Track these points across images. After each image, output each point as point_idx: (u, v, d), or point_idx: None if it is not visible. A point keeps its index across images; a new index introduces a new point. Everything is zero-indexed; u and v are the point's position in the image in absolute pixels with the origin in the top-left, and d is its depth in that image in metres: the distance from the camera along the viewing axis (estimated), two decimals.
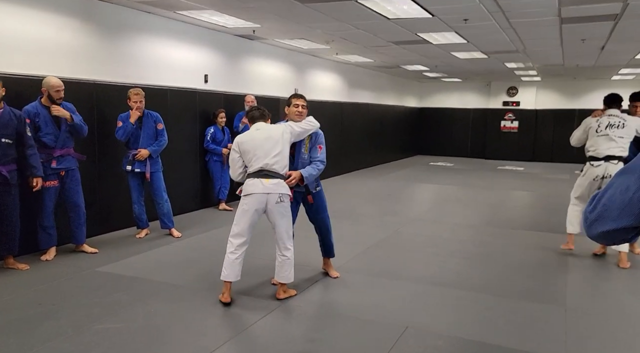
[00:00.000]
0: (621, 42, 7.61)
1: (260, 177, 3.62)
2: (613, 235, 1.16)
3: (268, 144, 3.65)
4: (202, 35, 7.24)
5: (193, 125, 7.11)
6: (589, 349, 3.08)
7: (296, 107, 3.89)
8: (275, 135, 3.70)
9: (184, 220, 6.53)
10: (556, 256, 5.19)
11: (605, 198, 1.15)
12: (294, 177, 3.75)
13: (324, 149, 3.99)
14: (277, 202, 3.63)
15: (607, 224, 1.15)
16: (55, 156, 4.67)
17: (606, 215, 1.14)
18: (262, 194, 3.60)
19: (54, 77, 4.65)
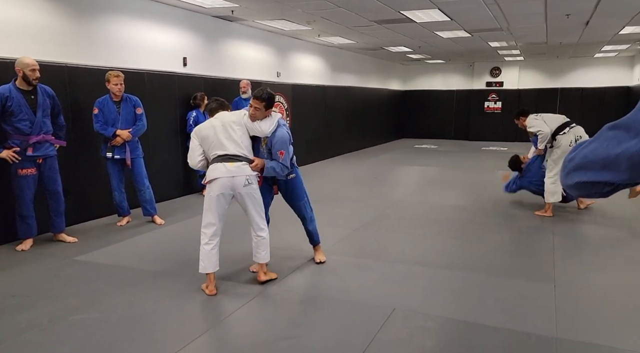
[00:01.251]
0: (606, 15, 7.56)
1: (224, 161, 3.52)
2: (590, 187, 1.09)
3: (228, 129, 3.57)
4: (179, 17, 7.00)
5: (173, 109, 6.91)
6: (579, 325, 3.04)
7: (249, 107, 3.65)
8: (234, 122, 3.62)
9: (167, 207, 6.37)
10: (543, 233, 5.17)
11: (588, 149, 1.09)
12: (256, 164, 3.62)
13: (285, 154, 3.70)
14: (245, 184, 3.53)
15: (586, 175, 1.08)
16: (31, 143, 4.45)
17: (588, 166, 1.08)
18: (227, 178, 3.49)
19: (28, 57, 4.43)
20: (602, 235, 5.17)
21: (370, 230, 5.32)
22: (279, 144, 3.67)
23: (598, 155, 1.06)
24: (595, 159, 1.06)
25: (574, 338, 2.86)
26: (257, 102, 3.59)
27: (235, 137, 3.57)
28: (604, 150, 1.05)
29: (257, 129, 3.65)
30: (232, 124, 3.60)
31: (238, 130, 3.60)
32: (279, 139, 3.67)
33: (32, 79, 4.38)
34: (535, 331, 2.96)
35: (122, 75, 5.18)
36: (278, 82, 9.54)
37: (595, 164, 1.07)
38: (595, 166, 1.07)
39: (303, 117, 10.42)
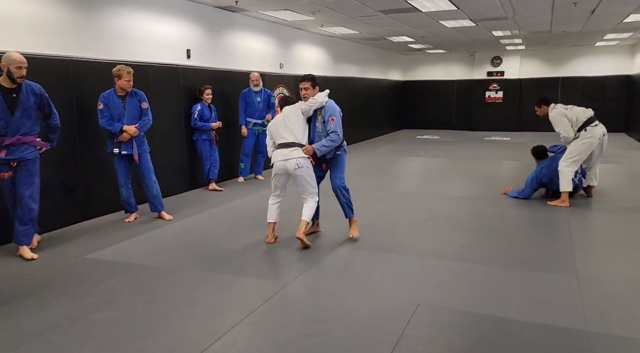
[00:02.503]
0: (613, 4, 7.48)
1: (281, 147, 4.39)
2: None
3: (286, 122, 4.40)
4: (181, 8, 6.87)
5: (178, 102, 6.80)
6: (608, 318, 3.00)
7: (300, 90, 4.44)
8: (290, 114, 4.43)
9: (174, 202, 6.29)
10: (557, 223, 5.13)
11: None
12: (306, 148, 4.35)
13: (336, 120, 4.39)
14: (295, 168, 4.31)
15: None
16: (5, 144, 4.04)
17: None
18: (281, 161, 4.36)
19: (16, 53, 4.08)
20: (618, 224, 5.13)
21: (384, 223, 5.27)
22: (330, 112, 4.39)
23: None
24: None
25: (604, 332, 2.82)
26: (304, 83, 4.40)
27: (291, 127, 4.37)
28: None
29: (313, 102, 4.40)
30: (289, 116, 4.40)
31: (293, 121, 4.38)
32: (330, 108, 4.41)
33: (17, 77, 3.99)
34: (564, 325, 2.91)
35: (132, 71, 5.07)
36: (281, 73, 9.42)
37: None
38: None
39: None
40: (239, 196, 6.64)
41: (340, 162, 4.56)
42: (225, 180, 7.67)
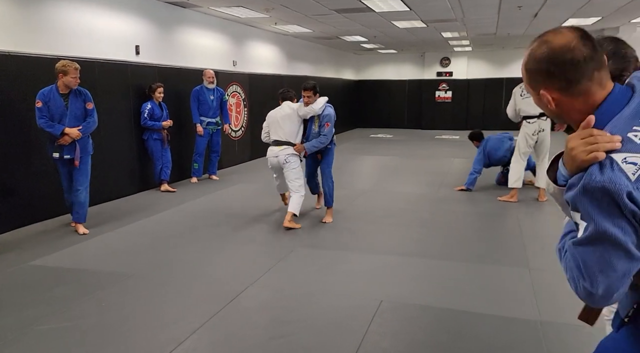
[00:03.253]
0: (554, 8, 7.87)
1: (274, 145, 5.10)
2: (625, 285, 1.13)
3: (282, 121, 5.05)
4: (130, 2, 6.60)
5: (126, 100, 6.53)
6: (560, 307, 3.15)
7: (303, 98, 5.00)
8: (286, 116, 5.06)
9: (123, 205, 6.05)
10: (508, 218, 5.34)
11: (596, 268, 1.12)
12: (297, 147, 5.03)
13: (330, 126, 5.05)
14: (284, 163, 5.02)
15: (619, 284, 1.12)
16: None
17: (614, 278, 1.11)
18: (273, 157, 5.10)
19: None
20: (563, 217, 5.40)
21: (342, 221, 5.29)
22: (326, 118, 5.03)
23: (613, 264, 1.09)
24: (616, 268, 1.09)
25: (557, 321, 2.95)
26: (307, 92, 4.95)
27: (285, 129, 5.02)
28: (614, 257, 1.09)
29: (311, 110, 4.98)
30: (285, 119, 5.04)
31: (289, 124, 5.03)
32: (327, 115, 5.05)
33: None
34: (519, 316, 3.03)
35: (79, 67, 4.72)
36: (234, 71, 9.27)
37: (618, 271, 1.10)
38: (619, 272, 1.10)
39: (260, 107, 10.19)
40: (193, 197, 6.46)
41: (331, 156, 5.30)
42: (178, 180, 7.45)
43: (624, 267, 1.08)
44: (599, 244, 1.09)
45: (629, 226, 1.06)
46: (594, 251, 1.10)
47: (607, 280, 1.10)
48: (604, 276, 1.09)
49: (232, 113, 9.14)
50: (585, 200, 1.09)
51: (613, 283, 1.10)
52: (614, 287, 1.10)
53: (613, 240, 1.07)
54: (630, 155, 1.06)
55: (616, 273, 1.09)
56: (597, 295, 1.12)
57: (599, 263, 1.09)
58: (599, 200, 1.07)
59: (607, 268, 1.09)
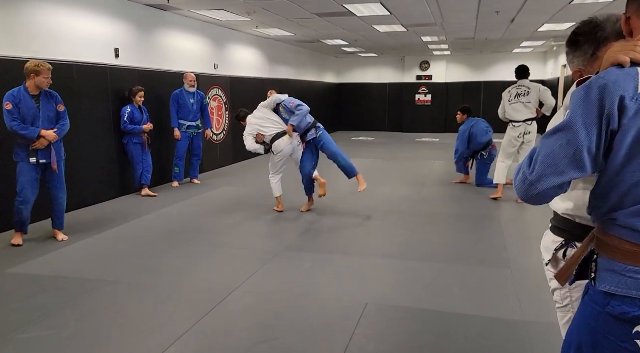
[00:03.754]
0: (530, 14, 8.04)
1: (278, 138, 5.57)
2: (555, 191, 1.17)
3: (266, 118, 5.63)
4: (109, 5, 6.51)
5: (105, 104, 6.42)
6: (542, 307, 3.20)
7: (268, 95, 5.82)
8: (263, 113, 5.67)
9: (103, 210, 5.95)
10: (489, 219, 5.41)
11: (541, 157, 1.17)
12: (289, 129, 5.49)
13: (296, 101, 5.53)
14: (297, 146, 5.68)
15: (551, 179, 1.16)
16: None
17: (549, 172, 1.15)
18: (288, 146, 5.62)
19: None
20: (542, 217, 5.51)
21: (328, 224, 5.29)
22: (287, 100, 5.56)
23: (557, 157, 1.14)
24: (556, 162, 1.14)
25: (540, 320, 3.00)
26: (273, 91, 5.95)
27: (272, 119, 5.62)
28: (561, 151, 1.13)
29: (274, 97, 5.65)
30: (265, 115, 5.63)
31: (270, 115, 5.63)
32: (287, 99, 5.58)
33: None
34: (503, 316, 3.07)
35: (52, 68, 4.61)
36: (216, 74, 9.21)
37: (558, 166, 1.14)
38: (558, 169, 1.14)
39: None
40: (174, 202, 6.39)
41: (327, 138, 5.67)
42: (159, 185, 7.36)
43: (565, 166, 1.13)
44: (561, 135, 1.14)
45: (595, 132, 1.10)
46: (553, 143, 1.15)
47: (544, 170, 1.15)
48: (544, 166, 1.15)
49: (214, 116, 9.08)
50: (580, 94, 1.14)
51: (547, 175, 1.15)
52: (546, 179, 1.15)
53: (573, 135, 1.11)
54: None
55: (555, 168, 1.14)
56: (530, 180, 1.18)
57: (548, 154, 1.16)
58: (590, 97, 1.11)
59: (551, 160, 1.15)
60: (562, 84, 12.68)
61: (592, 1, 7.02)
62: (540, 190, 1.16)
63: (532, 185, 1.17)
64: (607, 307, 1.16)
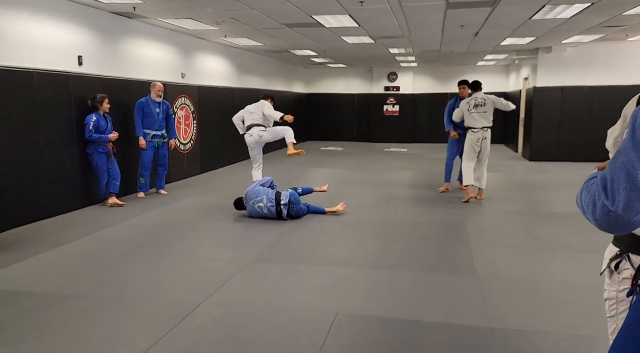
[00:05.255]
0: (493, 28, 8.31)
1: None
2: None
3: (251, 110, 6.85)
4: (71, 11, 6.35)
5: (68, 112, 6.24)
6: (508, 314, 3.27)
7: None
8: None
9: (65, 221, 5.75)
10: (456, 227, 5.51)
11: (622, 183, 1.07)
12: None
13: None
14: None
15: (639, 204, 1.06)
16: None
17: (635, 195, 1.05)
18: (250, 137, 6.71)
19: None
20: (506, 226, 5.65)
21: (296, 234, 5.27)
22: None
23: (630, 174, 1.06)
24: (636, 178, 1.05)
25: (506, 327, 3.06)
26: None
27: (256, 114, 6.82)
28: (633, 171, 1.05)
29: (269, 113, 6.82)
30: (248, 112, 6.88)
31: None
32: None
33: None
34: (470, 323, 3.12)
35: None
36: (183, 83, 9.10)
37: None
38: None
39: (211, 120, 10.06)
40: (139, 212, 6.23)
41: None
42: (124, 195, 7.17)
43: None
44: (631, 154, 1.05)
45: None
46: (623, 165, 1.06)
47: (629, 196, 1.05)
48: (627, 192, 1.05)
49: (181, 126, 8.95)
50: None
51: (634, 200, 1.04)
52: (634, 204, 1.05)
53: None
54: None
55: (635, 187, 1.03)
56: (613, 211, 1.09)
57: (624, 176, 1.05)
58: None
59: (631, 182, 1.04)
60: (523, 95, 13.12)
61: (551, 17, 7.32)
62: (630, 218, 1.08)
63: (618, 216, 1.09)
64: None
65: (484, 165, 7.02)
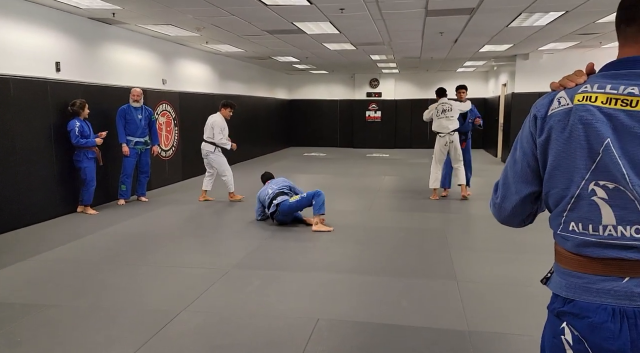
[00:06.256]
0: (472, 35, 8.46)
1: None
2: (521, 210, 1.28)
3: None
4: (49, 17, 6.28)
5: (46, 119, 6.14)
6: (486, 317, 3.31)
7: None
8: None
9: (42, 230, 5.65)
10: (435, 232, 5.57)
11: (501, 180, 1.31)
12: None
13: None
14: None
15: (511, 199, 1.27)
16: None
17: (508, 192, 1.27)
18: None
19: None
20: (485, 230, 5.73)
21: (278, 240, 5.26)
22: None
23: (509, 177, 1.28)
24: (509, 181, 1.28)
25: (484, 330, 3.10)
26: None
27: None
28: (511, 171, 1.28)
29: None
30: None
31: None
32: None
33: None
34: (449, 327, 3.15)
35: None
36: (164, 89, 9.04)
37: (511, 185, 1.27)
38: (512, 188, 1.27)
39: (192, 126, 9.99)
40: (120, 220, 6.15)
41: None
42: (104, 203, 7.07)
43: (517, 183, 1.25)
44: (509, 158, 1.29)
45: (529, 149, 1.22)
46: (506, 165, 1.30)
47: (504, 191, 1.28)
48: (504, 187, 1.29)
49: (162, 132, 8.88)
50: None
51: (507, 196, 1.28)
52: (508, 199, 1.28)
53: (516, 155, 1.25)
54: (565, 97, 1.18)
55: (510, 187, 1.27)
56: (497, 203, 1.32)
57: (503, 176, 1.30)
58: (525, 121, 1.26)
59: (505, 179, 1.28)
60: (502, 101, 13.35)
61: (527, 25, 7.48)
62: (507, 210, 1.29)
63: (500, 208, 1.31)
64: (550, 306, 1.25)
65: (461, 164, 7.34)
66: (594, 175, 1.10)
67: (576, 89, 1.17)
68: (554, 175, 1.17)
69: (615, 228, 1.09)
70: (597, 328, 1.10)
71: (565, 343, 1.16)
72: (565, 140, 1.13)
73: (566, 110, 1.15)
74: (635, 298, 1.07)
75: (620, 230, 1.08)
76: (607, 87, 1.12)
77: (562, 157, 1.14)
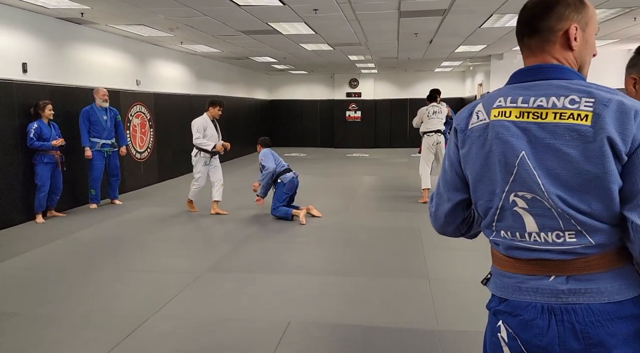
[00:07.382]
0: (446, 36, 8.52)
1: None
2: (453, 217, 1.32)
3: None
4: (15, 17, 6.11)
5: (11, 122, 5.97)
6: (456, 316, 3.32)
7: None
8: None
9: (7, 236, 5.50)
10: (411, 231, 5.59)
11: (435, 190, 1.36)
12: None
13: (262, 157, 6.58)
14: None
15: (444, 206, 1.32)
16: None
17: (441, 200, 1.32)
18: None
19: None
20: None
21: (254, 242, 5.21)
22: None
23: (440, 186, 1.33)
24: (441, 191, 1.33)
25: (454, 329, 3.11)
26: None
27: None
28: (442, 180, 1.33)
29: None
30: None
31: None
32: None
33: None
34: (419, 326, 3.16)
35: None
36: (138, 90, 8.89)
37: (443, 194, 1.32)
38: (444, 196, 1.32)
39: (168, 128, 9.87)
40: (89, 224, 6.02)
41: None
42: (73, 207, 6.91)
43: (447, 191, 1.30)
44: (441, 168, 1.34)
45: (456, 159, 1.27)
46: (438, 177, 1.36)
47: (437, 200, 1.34)
48: (437, 196, 1.34)
49: (137, 134, 8.74)
50: None
51: (441, 204, 1.32)
52: (440, 207, 1.33)
53: (445, 165, 1.31)
54: (482, 111, 1.21)
55: (442, 196, 1.32)
56: (432, 211, 1.36)
57: (437, 185, 1.35)
58: (451, 133, 1.30)
59: (438, 189, 1.34)
60: None
61: (499, 26, 7.57)
62: (441, 217, 1.33)
63: (435, 216, 1.35)
64: (489, 305, 1.31)
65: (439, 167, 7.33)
66: (513, 186, 1.15)
67: (491, 103, 1.21)
68: (477, 187, 1.23)
69: (539, 235, 1.15)
70: (528, 325, 1.15)
71: (501, 340, 1.21)
72: (486, 155, 1.19)
73: (484, 125, 1.20)
74: (561, 296, 1.12)
75: (543, 237, 1.14)
76: (518, 100, 1.16)
77: (483, 170, 1.20)
